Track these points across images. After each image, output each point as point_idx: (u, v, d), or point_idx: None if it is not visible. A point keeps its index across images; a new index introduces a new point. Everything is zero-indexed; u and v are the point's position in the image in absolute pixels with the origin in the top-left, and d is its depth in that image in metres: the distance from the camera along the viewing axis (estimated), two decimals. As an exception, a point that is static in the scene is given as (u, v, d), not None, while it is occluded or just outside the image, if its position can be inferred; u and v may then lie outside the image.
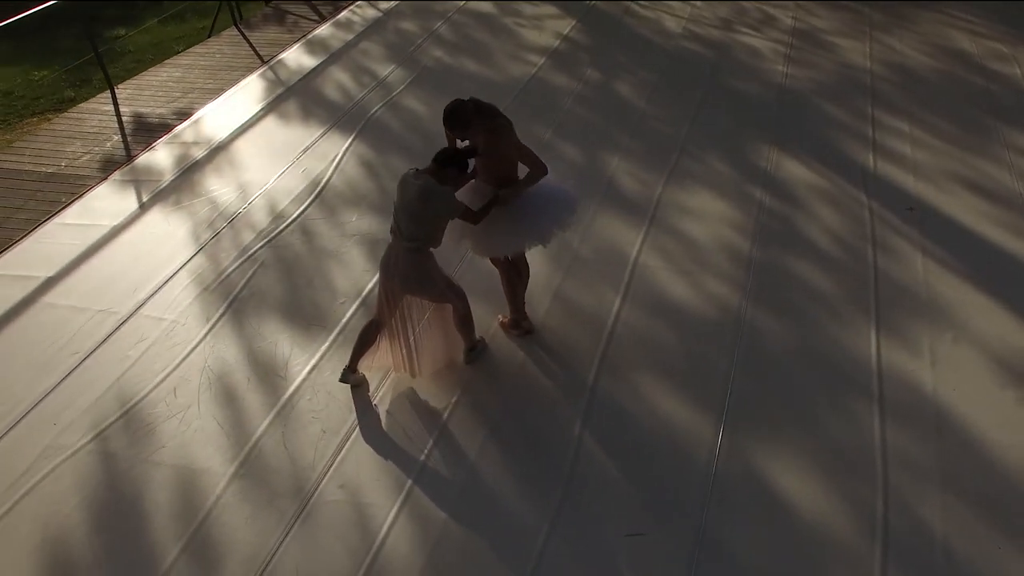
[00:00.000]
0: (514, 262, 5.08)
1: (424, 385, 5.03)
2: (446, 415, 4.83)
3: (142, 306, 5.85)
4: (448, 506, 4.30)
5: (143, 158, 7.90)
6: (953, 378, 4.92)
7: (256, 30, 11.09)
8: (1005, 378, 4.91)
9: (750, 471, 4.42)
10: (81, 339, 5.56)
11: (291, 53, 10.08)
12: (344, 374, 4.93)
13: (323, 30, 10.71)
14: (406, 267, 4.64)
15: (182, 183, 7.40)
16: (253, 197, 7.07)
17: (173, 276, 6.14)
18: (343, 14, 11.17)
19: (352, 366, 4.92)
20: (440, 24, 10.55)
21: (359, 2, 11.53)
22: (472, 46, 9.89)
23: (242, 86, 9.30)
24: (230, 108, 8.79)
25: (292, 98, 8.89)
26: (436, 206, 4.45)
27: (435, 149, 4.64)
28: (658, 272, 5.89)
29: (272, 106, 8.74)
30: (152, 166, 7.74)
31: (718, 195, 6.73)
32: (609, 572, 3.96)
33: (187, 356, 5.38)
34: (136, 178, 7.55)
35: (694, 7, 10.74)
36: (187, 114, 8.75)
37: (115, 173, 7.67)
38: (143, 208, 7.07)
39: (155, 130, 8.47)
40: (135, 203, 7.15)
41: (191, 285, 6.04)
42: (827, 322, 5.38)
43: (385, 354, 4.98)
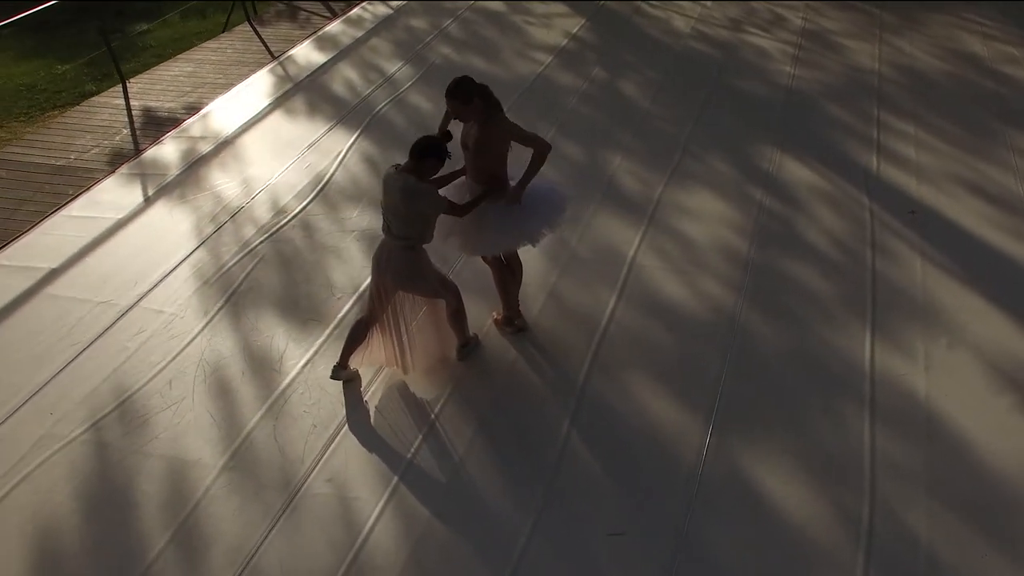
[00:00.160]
0: (507, 260, 5.10)
1: (416, 381, 5.06)
2: (435, 411, 4.86)
3: (142, 299, 5.91)
4: (433, 502, 4.33)
5: (150, 152, 7.98)
6: (946, 383, 4.89)
7: (268, 26, 11.17)
8: (999, 384, 4.87)
9: (736, 473, 4.41)
10: (81, 330, 5.64)
11: (301, 49, 10.14)
12: (335, 371, 4.97)
13: (333, 26, 10.76)
14: (398, 264, 4.67)
15: (187, 177, 7.47)
16: (256, 192, 7.13)
17: (174, 269, 6.21)
18: (354, 11, 11.22)
19: (342, 363, 4.96)
20: (450, 22, 10.57)
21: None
22: (480, 43, 9.91)
23: (251, 81, 9.37)
24: (238, 103, 8.86)
25: (300, 94, 8.95)
26: (419, 205, 4.46)
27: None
28: (654, 272, 5.89)
29: (280, 102, 8.80)
30: (159, 160, 7.82)
31: (719, 196, 6.71)
32: (590, 571, 3.97)
33: (184, 349, 5.43)
34: (143, 172, 7.64)
35: (704, 7, 10.70)
36: (196, 109, 8.83)
37: (122, 167, 7.75)
38: (148, 202, 7.14)
39: (164, 124, 8.56)
40: (140, 197, 7.22)
41: (191, 278, 6.10)
42: (821, 325, 5.36)
43: (377, 350, 5.01)
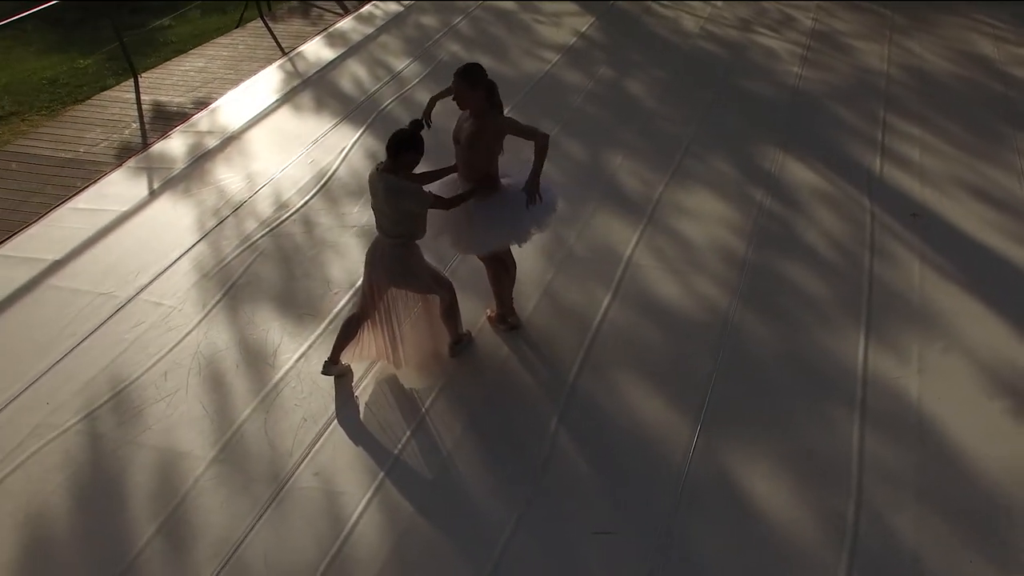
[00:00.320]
0: (500, 257, 5.11)
1: (407, 376, 5.08)
2: (425, 407, 4.88)
3: (142, 291, 5.97)
4: (418, 497, 4.35)
5: (158, 146, 8.06)
6: (940, 387, 4.85)
7: (281, 23, 11.25)
8: (993, 389, 4.83)
9: (723, 474, 4.40)
10: (80, 321, 5.70)
11: (311, 45, 10.20)
12: (326, 366, 5.00)
13: (344, 23, 10.81)
14: (391, 261, 4.69)
15: (193, 171, 7.54)
16: (260, 187, 7.18)
17: (175, 262, 6.27)
18: (366, 8, 11.27)
19: (334, 358, 4.99)
20: (460, 19, 10.59)
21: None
22: (489, 41, 9.92)
23: (260, 77, 9.44)
24: (247, 98, 8.92)
25: (307, 90, 9.00)
26: (404, 203, 4.48)
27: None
28: (650, 271, 5.88)
29: (287, 97, 8.85)
30: (166, 154, 7.89)
31: (719, 196, 6.68)
32: (574, 569, 3.97)
33: (181, 341, 5.48)
34: (149, 165, 7.71)
35: (714, 7, 10.66)
36: (205, 103, 8.90)
37: (130, 160, 7.83)
38: (153, 195, 7.21)
39: (172, 118, 8.63)
40: (146, 190, 7.29)
41: (192, 271, 6.15)
42: (816, 327, 5.33)
43: (369, 345, 5.03)
